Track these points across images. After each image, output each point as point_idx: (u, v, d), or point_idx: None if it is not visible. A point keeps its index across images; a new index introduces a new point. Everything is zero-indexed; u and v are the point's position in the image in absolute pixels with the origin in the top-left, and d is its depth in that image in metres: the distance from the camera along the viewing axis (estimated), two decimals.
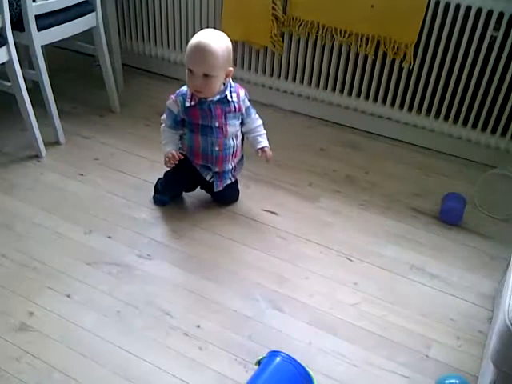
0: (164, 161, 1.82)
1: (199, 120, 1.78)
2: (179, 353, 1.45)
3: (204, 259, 1.74)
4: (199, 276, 1.68)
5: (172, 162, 1.80)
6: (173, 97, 1.81)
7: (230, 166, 1.89)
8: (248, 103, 1.84)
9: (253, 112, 1.87)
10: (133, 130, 2.37)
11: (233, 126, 1.82)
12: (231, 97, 1.78)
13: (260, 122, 1.90)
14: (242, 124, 1.86)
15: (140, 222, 1.88)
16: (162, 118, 1.86)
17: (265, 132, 1.90)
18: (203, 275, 1.68)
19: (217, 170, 1.87)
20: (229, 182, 1.93)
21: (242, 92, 1.82)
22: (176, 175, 1.90)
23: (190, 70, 1.69)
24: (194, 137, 1.82)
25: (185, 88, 1.80)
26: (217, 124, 1.78)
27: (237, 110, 1.81)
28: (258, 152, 1.88)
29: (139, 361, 1.42)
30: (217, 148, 1.82)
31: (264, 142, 1.88)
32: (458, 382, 1.34)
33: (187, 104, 1.77)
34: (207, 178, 1.89)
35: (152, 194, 1.99)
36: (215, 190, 1.91)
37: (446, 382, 1.34)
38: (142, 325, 1.52)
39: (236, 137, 1.86)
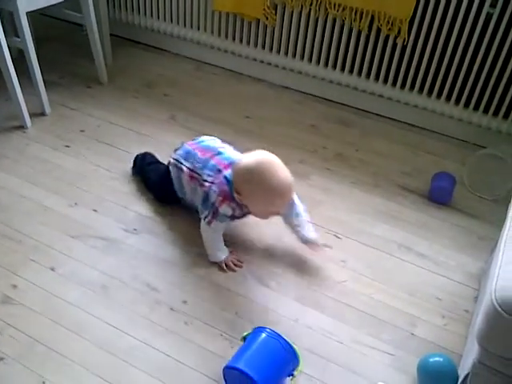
0: (223, 267, 1.62)
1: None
2: (164, 328, 1.44)
3: (191, 234, 1.72)
4: (186, 251, 1.67)
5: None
6: (224, 200, 1.55)
7: None
8: None
9: None
10: (120, 102, 2.32)
11: None
12: None
13: None
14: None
15: (126, 195, 1.86)
16: (208, 225, 1.58)
17: None
18: (190, 250, 1.67)
19: None
20: None
21: None
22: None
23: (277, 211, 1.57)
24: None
25: (226, 188, 1.56)
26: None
27: None
28: None
29: (123, 335, 1.41)
30: None
31: None
32: (441, 360, 1.34)
33: (239, 213, 1.61)
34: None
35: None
36: None
37: (431, 360, 1.35)
38: (127, 299, 1.51)
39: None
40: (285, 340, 1.30)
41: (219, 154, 1.66)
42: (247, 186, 1.51)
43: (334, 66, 2.34)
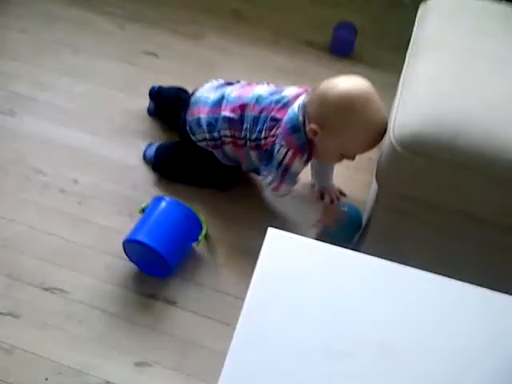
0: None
1: None
2: (56, 211, 1.34)
3: (77, 110, 1.56)
4: (73, 129, 1.52)
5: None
6: (296, 153, 1.22)
7: None
8: None
9: None
10: None
11: None
12: None
13: None
14: None
15: None
16: (276, 190, 1.27)
17: None
18: (78, 127, 1.52)
19: None
20: None
21: None
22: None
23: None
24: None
25: (295, 137, 1.22)
26: None
27: None
28: None
29: (13, 224, 1.30)
30: None
31: None
32: (346, 208, 1.34)
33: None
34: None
35: None
36: None
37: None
38: (12, 186, 1.38)
39: None
40: (185, 207, 1.24)
41: (258, 100, 1.28)
42: (342, 117, 1.15)
43: None
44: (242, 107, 1.29)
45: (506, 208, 1.00)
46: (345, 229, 1.31)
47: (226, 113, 1.31)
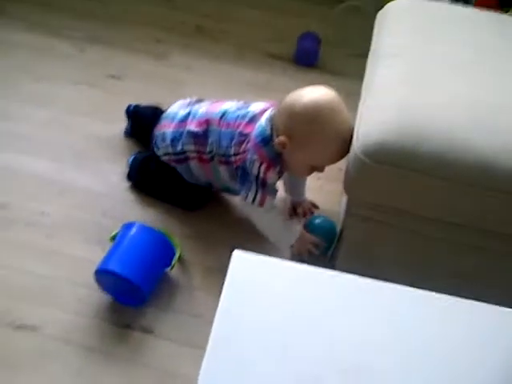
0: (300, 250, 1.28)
1: None
2: (25, 245, 1.29)
3: (41, 139, 1.52)
4: (37, 158, 1.48)
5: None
6: (270, 166, 1.21)
7: None
8: None
9: None
10: None
11: None
12: None
13: None
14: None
15: None
16: (261, 206, 1.23)
17: None
18: (42, 156, 1.48)
19: None
20: None
21: None
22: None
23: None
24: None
25: (265, 150, 1.21)
26: None
27: None
28: None
29: None
30: None
31: None
32: (320, 221, 1.33)
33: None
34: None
35: None
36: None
37: (312, 222, 1.33)
38: None
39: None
40: (156, 232, 1.22)
41: (223, 116, 1.28)
42: (309, 128, 1.15)
43: None
44: (208, 122, 1.30)
45: (473, 211, 1.00)
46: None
47: (191, 127, 1.31)
